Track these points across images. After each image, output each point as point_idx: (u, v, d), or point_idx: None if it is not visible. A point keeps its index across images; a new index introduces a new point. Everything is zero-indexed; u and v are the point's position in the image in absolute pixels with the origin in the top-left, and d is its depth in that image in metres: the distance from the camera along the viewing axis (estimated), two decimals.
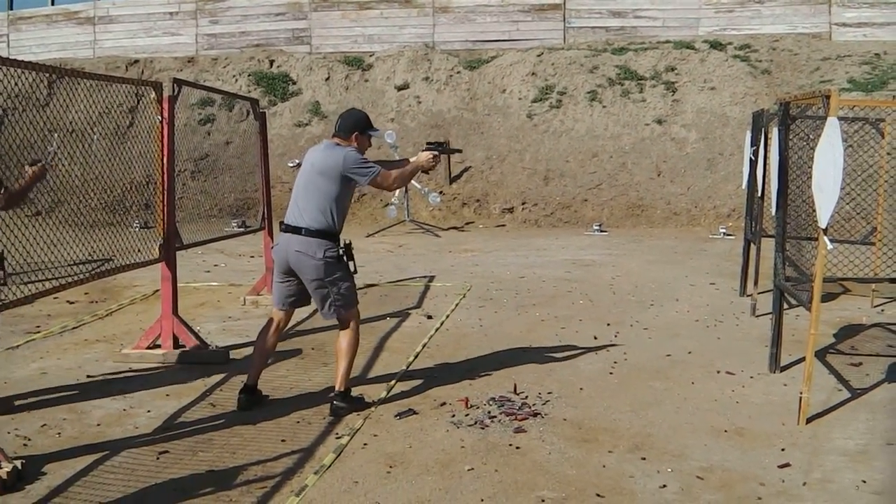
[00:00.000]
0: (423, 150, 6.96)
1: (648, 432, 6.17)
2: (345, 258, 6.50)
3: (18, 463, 5.26)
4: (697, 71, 21.61)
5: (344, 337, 6.59)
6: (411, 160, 6.93)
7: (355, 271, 6.64)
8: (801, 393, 6.31)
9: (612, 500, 5.05)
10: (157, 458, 5.66)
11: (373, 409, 6.64)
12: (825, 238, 6.15)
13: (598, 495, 5.10)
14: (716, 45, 22.38)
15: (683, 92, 21.27)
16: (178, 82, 8.24)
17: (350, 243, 6.61)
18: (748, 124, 11.97)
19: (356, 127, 6.64)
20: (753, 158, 10.38)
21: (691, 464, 5.58)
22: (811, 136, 7.81)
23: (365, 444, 5.93)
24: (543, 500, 5.03)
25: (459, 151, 9.06)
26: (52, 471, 5.41)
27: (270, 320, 6.82)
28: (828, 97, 6.16)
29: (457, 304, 10.52)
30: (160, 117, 7.92)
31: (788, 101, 7.63)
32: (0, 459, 5.18)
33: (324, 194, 6.40)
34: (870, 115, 10.55)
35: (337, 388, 6.56)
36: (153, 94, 7.93)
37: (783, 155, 7.55)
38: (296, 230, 6.41)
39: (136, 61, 23.63)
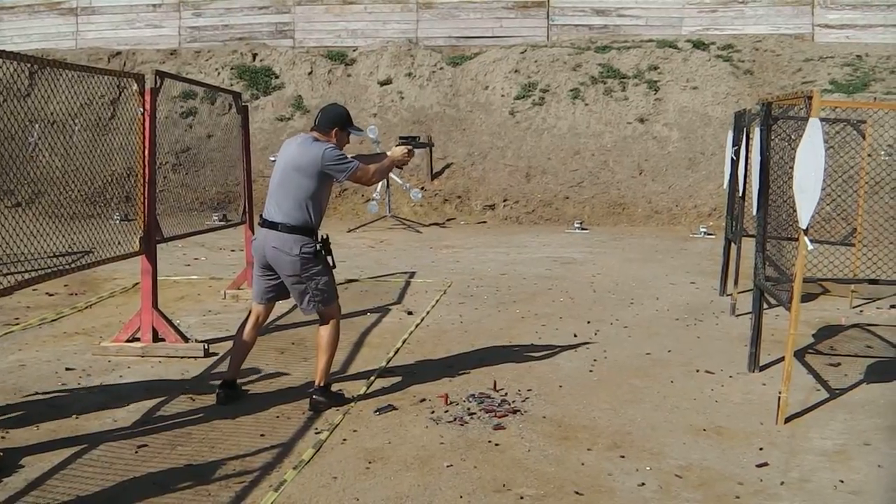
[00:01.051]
0: (396, 145, 6.96)
1: (627, 430, 6.18)
2: (322, 253, 6.48)
3: None
4: (680, 70, 21.65)
5: (324, 332, 6.58)
6: (387, 153, 6.93)
7: (334, 266, 6.63)
8: (779, 392, 6.33)
9: (591, 497, 5.06)
10: (136, 452, 5.65)
11: (352, 404, 6.64)
12: (806, 238, 6.18)
13: (576, 493, 5.11)
14: (699, 45, 22.40)
15: (666, 91, 21.30)
16: (161, 74, 8.21)
17: (327, 238, 6.59)
18: (730, 124, 12.00)
19: (336, 123, 6.60)
20: (735, 158, 10.41)
21: (670, 462, 5.60)
22: (793, 137, 7.84)
23: (344, 440, 5.93)
24: (522, 498, 5.03)
25: (432, 145, 8.92)
26: (29, 463, 5.39)
27: (250, 314, 6.80)
28: (810, 98, 6.18)
29: (437, 301, 10.52)
30: (142, 109, 7.88)
31: (771, 101, 7.65)
32: None
33: (301, 190, 6.36)
34: (851, 117, 10.60)
35: (317, 383, 6.55)
36: (135, 86, 7.89)
37: (765, 155, 7.57)
38: (272, 226, 6.38)
39: (119, 53, 23.53)
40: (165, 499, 4.95)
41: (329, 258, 6.56)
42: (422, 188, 19.31)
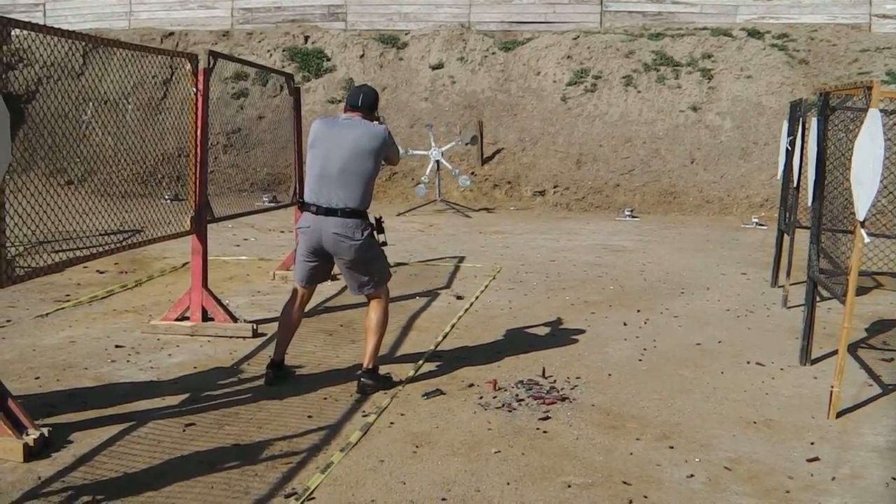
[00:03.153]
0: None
1: (676, 421, 6.12)
2: (374, 233, 6.47)
3: (45, 430, 5.29)
4: (734, 59, 21.44)
5: (374, 313, 6.57)
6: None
7: (385, 244, 6.61)
8: (831, 387, 6.24)
9: (639, 487, 5.01)
10: (183, 431, 5.67)
11: (400, 387, 6.63)
12: (862, 231, 6.08)
13: (624, 483, 5.06)
14: (753, 34, 22.19)
15: (719, 79, 21.11)
16: (214, 55, 8.21)
17: (380, 218, 6.59)
18: (785, 114, 11.86)
19: (376, 105, 6.65)
20: (790, 148, 10.28)
21: (719, 454, 5.54)
22: (850, 128, 7.73)
23: (391, 423, 5.91)
24: (570, 486, 5.00)
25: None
26: (78, 439, 5.42)
27: (294, 295, 6.76)
28: (870, 88, 6.07)
29: (486, 286, 10.49)
30: (195, 89, 7.90)
31: (828, 91, 7.54)
32: (27, 426, 5.20)
33: (367, 173, 6.32)
34: None
35: (365, 365, 6.54)
36: (188, 66, 7.91)
37: (821, 146, 7.47)
38: (331, 212, 6.26)
39: (171, 33, 23.66)
40: (212, 477, 4.96)
41: (381, 236, 6.54)
42: (472, 173, 19.29)
